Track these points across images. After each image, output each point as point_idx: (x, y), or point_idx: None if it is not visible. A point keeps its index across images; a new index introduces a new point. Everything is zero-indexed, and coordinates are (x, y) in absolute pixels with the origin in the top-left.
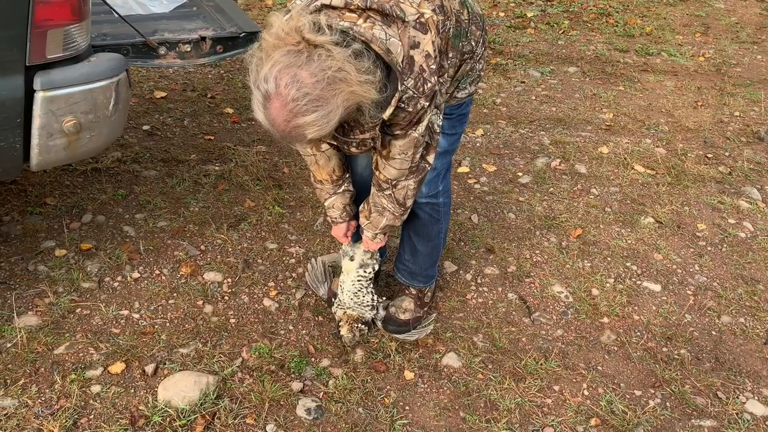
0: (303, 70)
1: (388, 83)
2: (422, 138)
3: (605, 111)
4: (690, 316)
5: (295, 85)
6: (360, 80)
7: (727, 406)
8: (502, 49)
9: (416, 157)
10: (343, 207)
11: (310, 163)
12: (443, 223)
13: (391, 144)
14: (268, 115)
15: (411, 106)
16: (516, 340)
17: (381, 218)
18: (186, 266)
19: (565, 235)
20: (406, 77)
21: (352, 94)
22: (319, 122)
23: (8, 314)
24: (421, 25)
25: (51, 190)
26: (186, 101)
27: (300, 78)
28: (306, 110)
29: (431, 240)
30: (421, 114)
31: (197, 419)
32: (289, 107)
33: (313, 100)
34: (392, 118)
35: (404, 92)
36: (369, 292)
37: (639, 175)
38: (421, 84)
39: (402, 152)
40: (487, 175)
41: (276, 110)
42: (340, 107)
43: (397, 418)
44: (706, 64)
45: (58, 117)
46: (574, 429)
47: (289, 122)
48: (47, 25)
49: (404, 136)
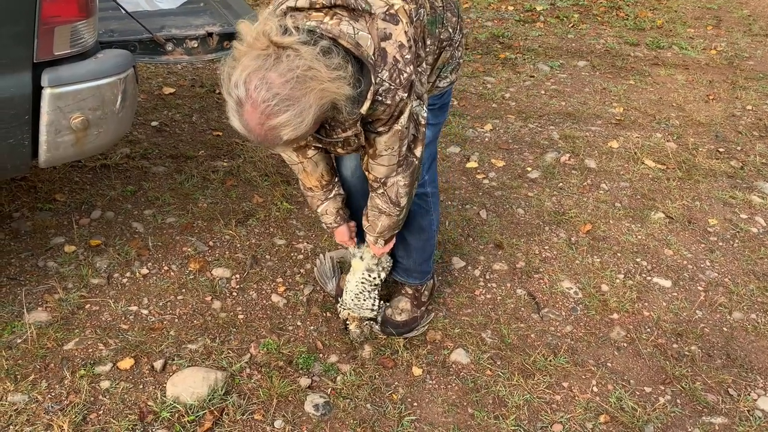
0: (271, 72)
1: (362, 78)
2: (406, 130)
3: (615, 105)
4: (701, 312)
5: (264, 87)
6: (331, 77)
7: (738, 403)
8: (511, 43)
9: (402, 150)
10: (336, 211)
11: (298, 171)
12: (433, 215)
13: (377, 141)
14: (243, 121)
15: (389, 98)
16: (525, 337)
17: (378, 221)
18: (194, 262)
19: (574, 230)
20: (380, 69)
21: (323, 91)
22: (292, 122)
23: (18, 310)
24: (391, 17)
25: (60, 186)
26: (194, 97)
27: (269, 79)
28: (278, 111)
29: (423, 232)
30: (401, 106)
31: (206, 415)
32: (260, 109)
33: (283, 99)
34: (372, 113)
35: (380, 85)
36: (371, 296)
37: (649, 169)
38: (396, 75)
39: (388, 147)
40: (496, 170)
41: (249, 114)
42: (312, 105)
43: (405, 414)
44: (718, 58)
45: (65, 114)
46: (583, 426)
47: (263, 125)
48: (54, 22)
49: (388, 131)
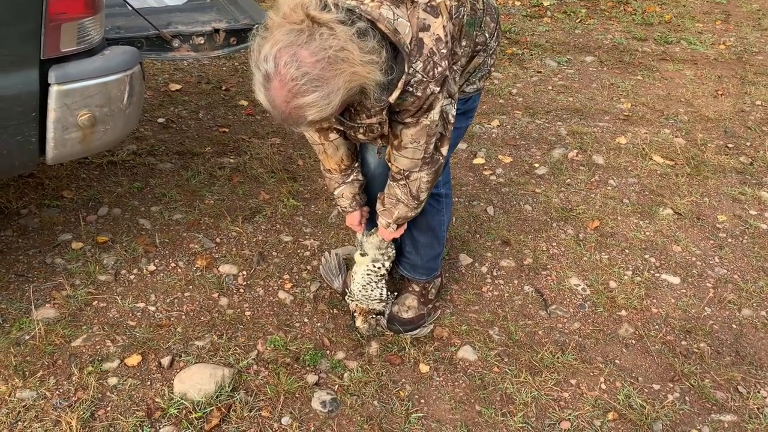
0: (303, 49)
1: (395, 65)
2: (435, 127)
3: (623, 101)
4: (710, 309)
5: (294, 64)
6: (363, 60)
7: (747, 400)
8: (518, 38)
9: (429, 147)
10: (352, 196)
11: (319, 152)
12: (444, 215)
13: (403, 133)
14: (269, 96)
15: (420, 90)
16: (532, 333)
17: (394, 209)
18: (201, 259)
19: (582, 227)
20: (414, 60)
21: (354, 75)
22: (319, 103)
23: (26, 307)
24: (432, 9)
25: (68, 183)
26: (201, 93)
27: (300, 57)
28: (305, 90)
29: (432, 231)
30: (431, 100)
31: (213, 412)
32: (288, 87)
33: (312, 80)
34: (400, 103)
35: (412, 75)
36: (378, 286)
37: (658, 165)
38: (431, 68)
39: (414, 141)
40: (503, 167)
41: (276, 90)
42: (341, 88)
43: (413, 412)
44: (727, 53)
45: (72, 110)
46: (591, 423)
47: (289, 103)
48: (61, 19)
49: (415, 124)
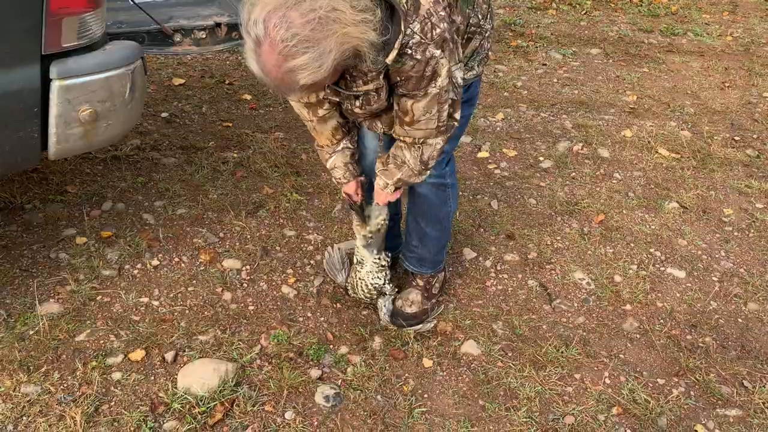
0: (293, 11)
1: (390, 25)
2: (445, 93)
3: (629, 93)
4: (715, 303)
5: (284, 26)
6: (356, 20)
7: (753, 395)
8: (523, 30)
9: (443, 115)
10: (344, 165)
11: (310, 128)
12: (452, 206)
13: (414, 107)
14: (260, 62)
15: (419, 53)
16: (536, 328)
17: (398, 171)
18: (205, 253)
19: (587, 220)
20: (412, 20)
21: (346, 36)
22: (310, 65)
23: (30, 302)
24: None
25: (72, 178)
26: (204, 88)
27: (289, 18)
28: (296, 52)
29: (440, 222)
30: (434, 65)
31: (216, 406)
32: (278, 49)
33: (302, 40)
34: (400, 69)
35: (411, 37)
36: (384, 279)
37: (663, 158)
38: (429, 29)
39: (426, 111)
40: (508, 160)
41: (266, 55)
42: (333, 50)
43: (416, 406)
44: (734, 44)
45: (74, 106)
46: (596, 418)
47: (280, 67)
48: (62, 14)
49: (425, 95)
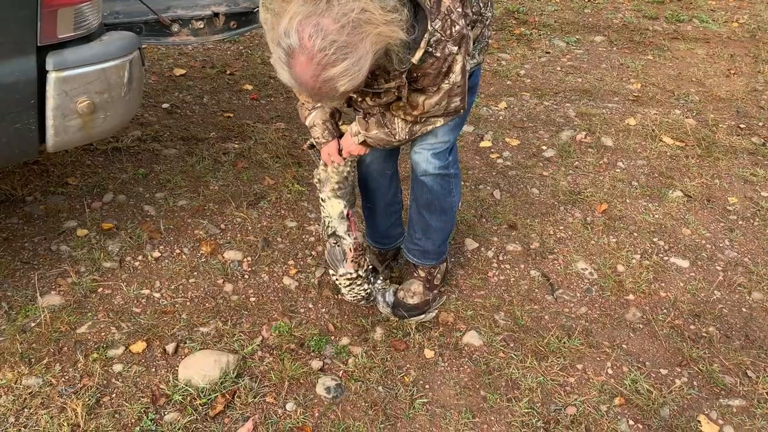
0: (325, 18)
1: (416, 24)
2: (457, 87)
3: (633, 81)
4: (719, 292)
5: (320, 35)
6: (386, 20)
7: (756, 385)
8: (527, 18)
9: (451, 106)
10: (323, 123)
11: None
12: (455, 196)
13: (425, 103)
14: (294, 73)
15: (439, 50)
16: (538, 318)
17: (376, 128)
18: (206, 245)
19: (590, 210)
20: (433, 18)
21: (379, 36)
22: (350, 71)
23: (32, 294)
24: None
25: (73, 170)
26: (205, 78)
27: (323, 26)
28: (335, 60)
29: (444, 214)
30: (450, 62)
31: (217, 398)
32: (316, 59)
33: (341, 47)
34: (419, 66)
35: (432, 34)
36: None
37: (667, 147)
38: (448, 26)
39: (436, 104)
40: (510, 150)
41: (302, 66)
42: (369, 52)
43: (417, 397)
44: (740, 30)
45: (71, 97)
46: (598, 408)
47: (318, 76)
48: (57, 4)
49: (437, 91)
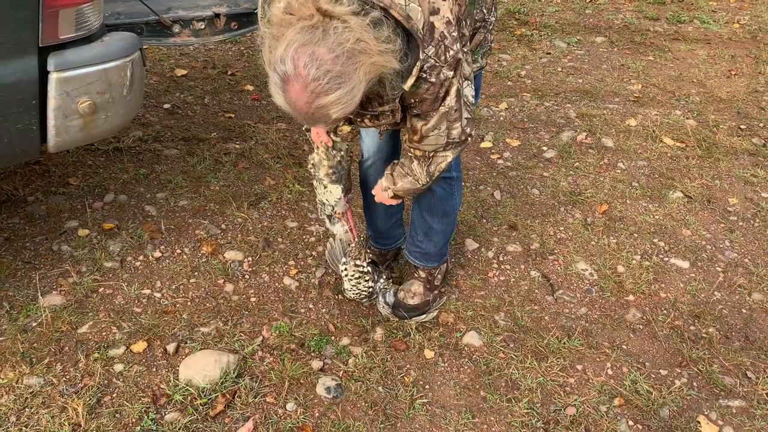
0: (320, 47)
1: (409, 52)
2: (453, 112)
3: (634, 82)
4: (719, 293)
5: (314, 64)
6: (380, 50)
7: (756, 386)
8: (527, 19)
9: (453, 132)
10: None
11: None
12: (456, 199)
13: (422, 128)
14: (288, 99)
15: (434, 76)
16: (538, 319)
17: (400, 180)
18: (207, 245)
19: (590, 210)
20: (427, 45)
21: (373, 65)
22: (343, 99)
23: (33, 294)
24: None
25: (74, 170)
26: (206, 79)
27: (318, 56)
28: (329, 89)
29: (446, 216)
30: (447, 86)
31: (218, 398)
32: (310, 88)
33: (334, 77)
34: (415, 92)
35: (425, 61)
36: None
37: (668, 148)
38: (442, 52)
39: (435, 128)
40: (511, 150)
41: (296, 93)
42: (362, 81)
43: (417, 397)
44: (741, 31)
45: (73, 98)
46: (597, 409)
47: (312, 104)
48: (59, 5)
49: (435, 114)
